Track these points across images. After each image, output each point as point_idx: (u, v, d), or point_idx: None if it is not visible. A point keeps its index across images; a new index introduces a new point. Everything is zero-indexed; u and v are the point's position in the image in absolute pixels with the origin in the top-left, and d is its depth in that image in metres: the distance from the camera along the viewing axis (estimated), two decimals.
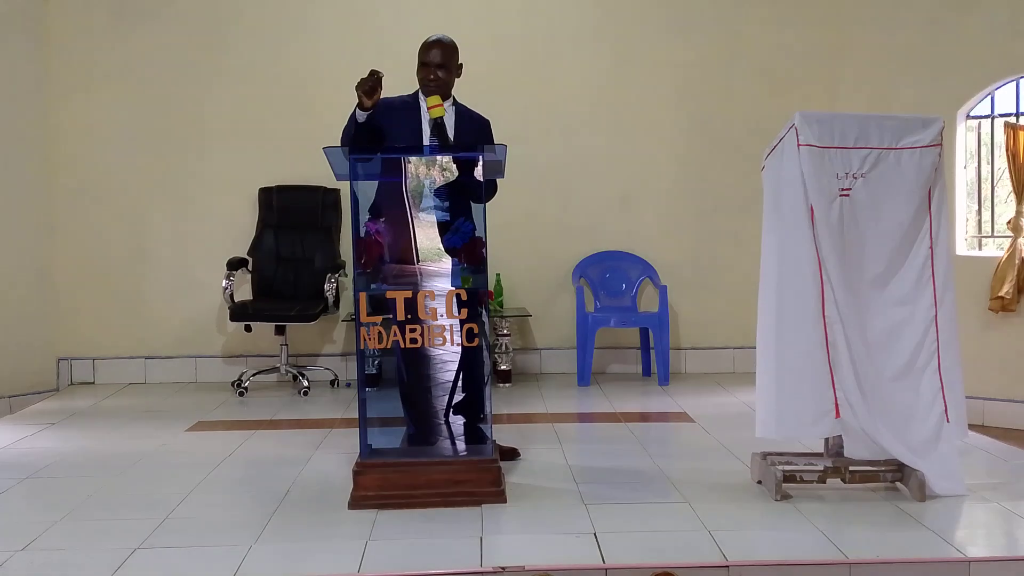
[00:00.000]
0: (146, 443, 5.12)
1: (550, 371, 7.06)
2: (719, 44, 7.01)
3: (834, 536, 3.50)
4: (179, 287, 6.93)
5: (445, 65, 4.28)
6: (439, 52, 4.28)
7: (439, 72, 4.27)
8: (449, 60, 4.29)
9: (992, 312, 5.99)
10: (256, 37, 6.92)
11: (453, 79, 4.34)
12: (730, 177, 6.87)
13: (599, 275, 7.03)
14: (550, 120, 6.87)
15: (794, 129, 3.88)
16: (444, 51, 4.29)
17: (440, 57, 4.27)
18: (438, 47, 4.28)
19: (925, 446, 3.94)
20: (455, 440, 4.39)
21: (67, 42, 6.82)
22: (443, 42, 4.30)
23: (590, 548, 3.42)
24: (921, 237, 3.99)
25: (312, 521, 3.77)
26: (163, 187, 6.93)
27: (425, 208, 4.21)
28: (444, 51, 4.29)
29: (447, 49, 4.30)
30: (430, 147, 4.23)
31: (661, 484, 4.24)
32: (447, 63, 4.28)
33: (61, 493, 4.21)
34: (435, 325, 3.96)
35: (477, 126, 4.40)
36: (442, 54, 4.28)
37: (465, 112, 4.41)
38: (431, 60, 4.27)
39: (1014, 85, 6.19)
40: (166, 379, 6.93)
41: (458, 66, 4.35)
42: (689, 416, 5.66)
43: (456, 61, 4.34)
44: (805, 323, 3.89)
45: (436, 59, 4.27)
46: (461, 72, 4.38)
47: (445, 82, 4.29)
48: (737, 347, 6.97)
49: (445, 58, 4.28)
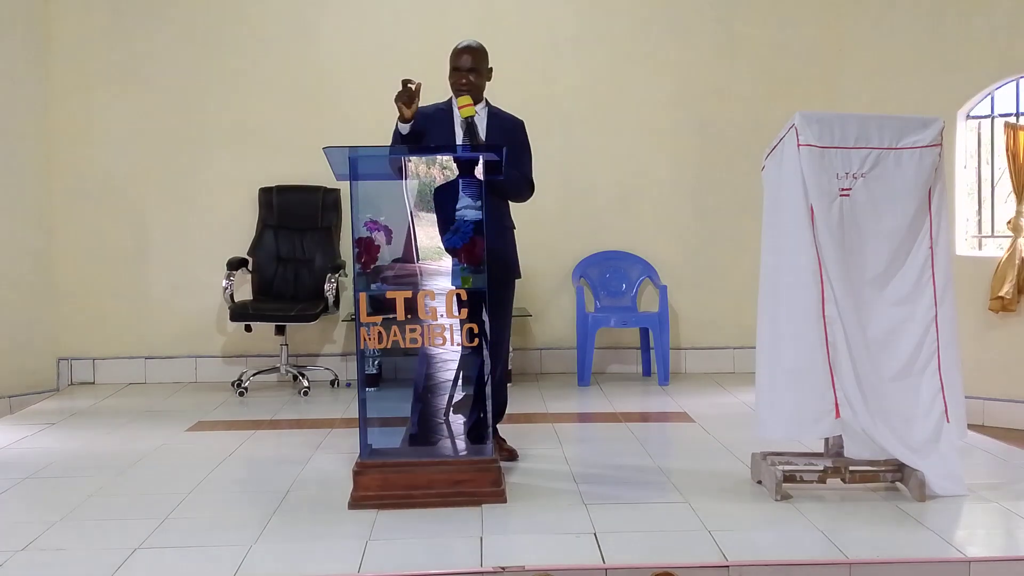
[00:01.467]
0: (146, 443, 5.12)
1: (550, 371, 7.06)
2: (719, 44, 7.01)
3: (834, 536, 3.50)
4: (179, 287, 6.93)
5: (476, 69, 4.37)
6: (470, 57, 4.37)
7: (470, 76, 4.35)
8: (480, 64, 4.39)
9: (992, 312, 5.99)
10: (257, 37, 6.91)
11: (484, 82, 4.45)
12: (730, 177, 6.87)
13: (599, 275, 7.03)
14: (550, 120, 6.87)
15: (794, 129, 3.89)
16: (475, 56, 4.38)
17: (471, 62, 4.36)
18: (468, 53, 4.37)
19: (925, 446, 3.94)
20: (455, 440, 4.39)
21: (67, 42, 6.82)
22: (473, 47, 4.40)
23: (590, 548, 3.42)
24: (921, 237, 4.00)
25: (312, 521, 3.78)
26: (163, 187, 6.93)
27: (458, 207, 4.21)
28: (475, 56, 4.38)
29: (477, 54, 4.39)
30: (462, 147, 4.28)
31: (661, 484, 4.24)
32: (478, 67, 4.38)
33: (61, 493, 4.20)
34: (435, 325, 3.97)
35: (509, 126, 4.47)
36: (473, 59, 4.37)
37: (498, 114, 4.49)
38: (462, 65, 4.36)
39: (1014, 85, 6.19)
40: (166, 379, 6.93)
41: (488, 70, 4.45)
42: (689, 416, 5.66)
43: (486, 65, 4.44)
44: (805, 323, 3.89)
45: (467, 64, 4.36)
46: (491, 76, 4.48)
47: (476, 86, 4.39)
48: (737, 347, 6.97)
49: (476, 62, 4.37)
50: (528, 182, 4.50)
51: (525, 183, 4.48)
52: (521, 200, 4.53)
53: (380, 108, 6.65)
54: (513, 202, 4.53)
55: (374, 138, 4.83)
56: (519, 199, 4.52)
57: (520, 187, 4.46)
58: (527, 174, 4.49)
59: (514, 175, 4.36)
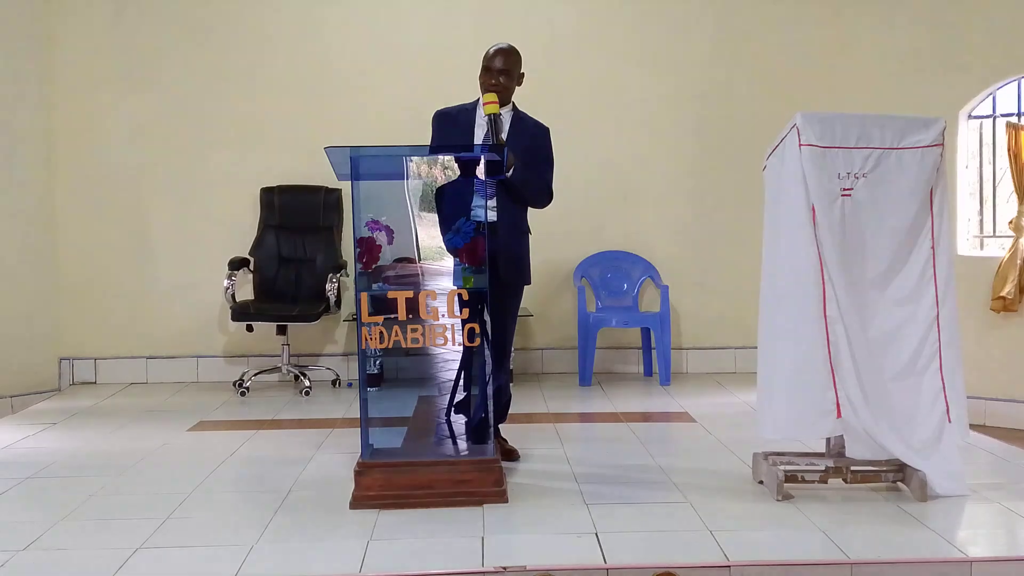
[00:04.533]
0: (148, 443, 5.12)
1: (551, 371, 7.06)
2: (721, 44, 7.01)
3: (836, 536, 3.50)
4: (181, 287, 6.93)
5: (508, 71, 4.34)
6: (502, 59, 4.34)
7: (501, 78, 4.33)
8: (512, 67, 4.36)
9: (994, 312, 6.00)
10: (258, 37, 6.92)
11: (514, 86, 4.42)
12: (731, 177, 6.87)
13: (600, 275, 7.03)
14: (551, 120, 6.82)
15: (796, 129, 3.88)
16: (508, 58, 4.35)
17: (503, 63, 4.33)
18: (502, 55, 4.35)
19: (927, 446, 3.94)
20: (456, 440, 4.40)
21: (70, 41, 6.83)
22: (506, 50, 4.37)
23: (591, 548, 3.42)
24: (923, 237, 3.99)
25: (314, 521, 3.77)
26: (165, 187, 6.93)
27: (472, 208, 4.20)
28: (508, 58, 4.35)
29: (511, 57, 4.36)
30: (480, 146, 4.25)
31: (663, 484, 4.23)
32: (510, 70, 4.35)
33: (63, 493, 4.20)
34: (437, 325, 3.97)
35: (533, 132, 4.44)
36: (505, 60, 4.34)
37: (523, 118, 4.46)
38: (494, 66, 4.34)
39: (1016, 85, 6.20)
40: (168, 379, 6.93)
41: (520, 75, 4.42)
42: (691, 416, 5.66)
43: (519, 69, 4.41)
44: (806, 323, 3.88)
45: (499, 65, 4.33)
46: (522, 81, 4.45)
47: (507, 88, 4.36)
48: (738, 347, 6.97)
49: (509, 64, 4.34)
50: (548, 190, 4.48)
51: (545, 190, 4.47)
52: (538, 206, 4.51)
53: (382, 107, 6.72)
54: (531, 207, 4.50)
55: (376, 138, 4.84)
56: (536, 205, 4.51)
57: (539, 193, 4.44)
58: (548, 181, 4.47)
59: (533, 181, 4.35)
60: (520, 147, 4.28)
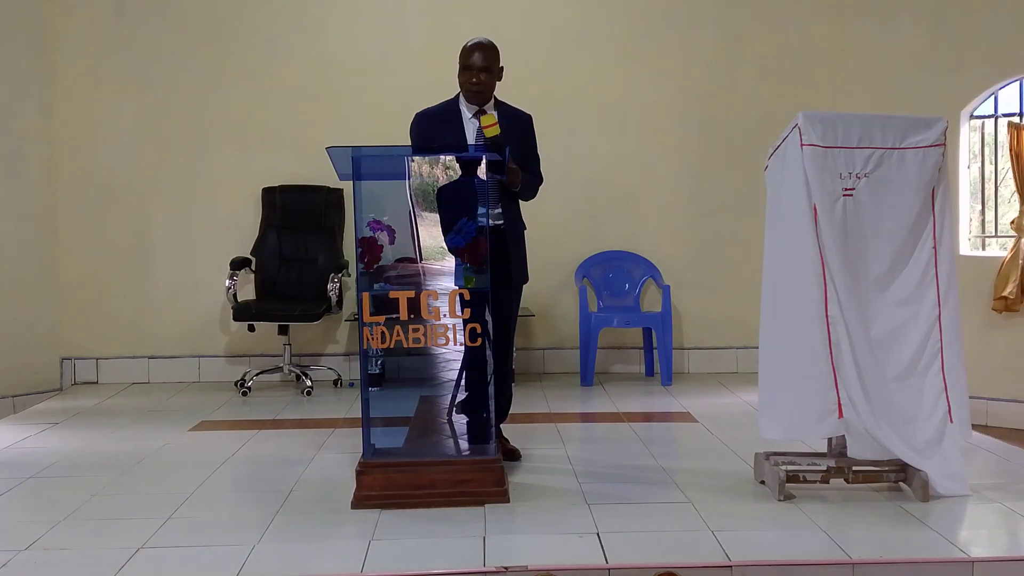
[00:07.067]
0: (149, 443, 5.12)
1: (553, 371, 7.06)
2: (722, 44, 7.01)
3: (837, 536, 3.50)
4: (182, 287, 6.93)
5: (488, 68, 4.21)
6: (481, 55, 4.20)
7: (482, 76, 4.20)
8: (492, 63, 4.23)
9: (995, 312, 5.99)
10: (260, 37, 6.92)
11: (495, 82, 4.28)
12: (733, 177, 6.86)
13: (602, 275, 7.03)
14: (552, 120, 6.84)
15: (797, 129, 3.88)
16: (486, 54, 4.21)
17: (483, 60, 4.20)
18: (480, 50, 4.20)
19: (928, 446, 3.94)
20: (458, 440, 4.40)
21: (72, 42, 6.83)
22: (484, 44, 4.23)
23: (593, 548, 3.42)
24: (925, 237, 3.99)
25: (315, 521, 3.78)
26: (166, 187, 6.93)
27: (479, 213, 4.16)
28: (486, 54, 4.21)
29: (489, 52, 4.23)
30: (473, 147, 4.20)
31: (664, 484, 4.23)
32: (490, 66, 4.22)
33: (64, 493, 4.21)
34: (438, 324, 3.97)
35: (520, 123, 4.36)
36: (484, 57, 4.20)
37: (507, 111, 4.35)
38: (474, 63, 4.20)
39: (1017, 85, 6.19)
40: (169, 379, 6.93)
41: (499, 69, 4.29)
42: (692, 416, 5.66)
43: (498, 64, 4.27)
44: (808, 323, 3.88)
45: (479, 62, 4.19)
46: (503, 75, 4.32)
47: (488, 85, 4.24)
48: (740, 347, 6.97)
49: (488, 61, 4.21)
50: (541, 181, 4.47)
51: (539, 182, 4.45)
52: (532, 199, 4.48)
53: (383, 107, 6.72)
54: (524, 201, 4.47)
55: (377, 138, 4.83)
56: (530, 199, 4.49)
57: (535, 188, 4.43)
58: (537, 172, 4.46)
59: (529, 178, 4.34)
60: (515, 146, 4.22)
